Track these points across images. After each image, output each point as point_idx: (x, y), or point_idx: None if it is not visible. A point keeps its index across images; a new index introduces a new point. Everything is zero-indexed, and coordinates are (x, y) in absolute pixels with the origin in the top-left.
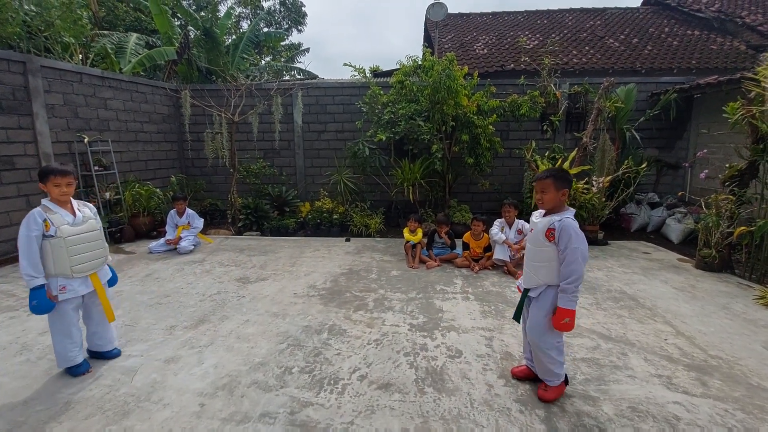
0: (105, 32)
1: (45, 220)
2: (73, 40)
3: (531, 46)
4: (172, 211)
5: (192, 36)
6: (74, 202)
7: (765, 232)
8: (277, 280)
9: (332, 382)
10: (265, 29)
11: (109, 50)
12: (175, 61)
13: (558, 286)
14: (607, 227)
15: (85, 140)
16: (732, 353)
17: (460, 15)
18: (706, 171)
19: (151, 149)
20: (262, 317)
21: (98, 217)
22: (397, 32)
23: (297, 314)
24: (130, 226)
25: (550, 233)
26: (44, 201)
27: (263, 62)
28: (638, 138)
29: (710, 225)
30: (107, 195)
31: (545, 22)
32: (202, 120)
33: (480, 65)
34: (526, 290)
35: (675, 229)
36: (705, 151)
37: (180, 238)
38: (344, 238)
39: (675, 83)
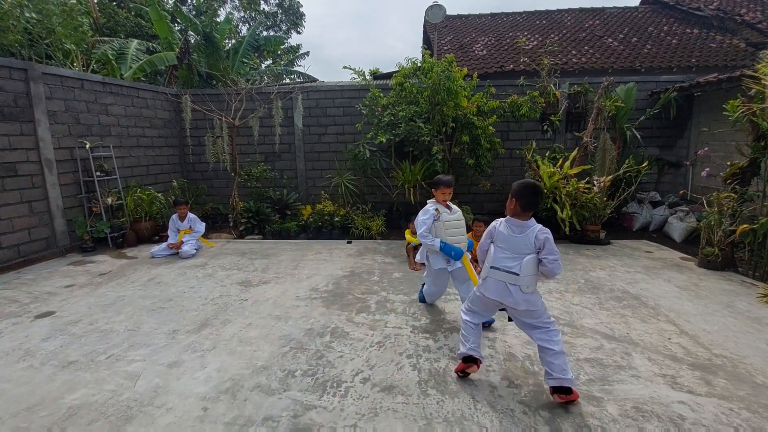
0: (106, 38)
1: (436, 209)
2: (74, 47)
3: (530, 46)
4: (174, 216)
5: (192, 41)
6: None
7: (767, 229)
8: (279, 284)
9: (335, 384)
10: (265, 33)
11: (110, 56)
12: (175, 66)
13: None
14: (608, 226)
15: (87, 146)
16: (736, 352)
17: (459, 16)
18: (708, 169)
19: (152, 154)
20: (264, 320)
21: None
22: (396, 34)
23: (299, 317)
24: (132, 231)
25: None
26: (431, 201)
27: (263, 66)
28: (639, 137)
29: (712, 223)
30: (109, 200)
31: (544, 22)
32: (203, 124)
33: (479, 66)
34: None
35: (677, 227)
36: (706, 149)
37: (182, 243)
38: (346, 241)
39: (675, 82)
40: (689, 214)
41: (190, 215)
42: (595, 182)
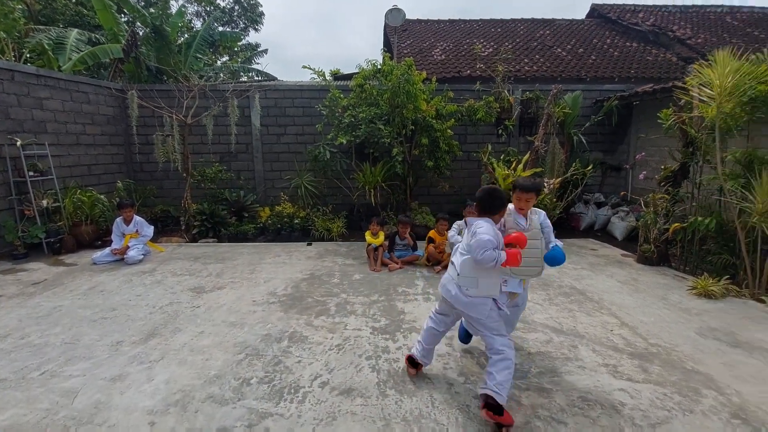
0: (41, 27)
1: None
2: (4, 35)
3: (486, 53)
4: (119, 219)
5: (140, 33)
6: (532, 210)
7: (696, 228)
8: (234, 289)
9: (292, 390)
10: (221, 28)
11: (46, 46)
12: (121, 59)
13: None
14: (558, 226)
15: (18, 143)
16: (669, 340)
17: (419, 21)
18: (645, 172)
19: (94, 153)
20: (218, 328)
21: (546, 221)
22: (357, 36)
23: (256, 323)
24: (71, 235)
25: None
26: (511, 206)
27: (219, 63)
28: (585, 142)
29: (649, 222)
30: (44, 202)
31: (499, 30)
32: (152, 122)
33: (438, 71)
34: None
35: (619, 226)
36: (643, 153)
37: (128, 248)
38: (306, 243)
39: (616, 91)
40: (629, 214)
41: (137, 218)
42: (546, 184)
